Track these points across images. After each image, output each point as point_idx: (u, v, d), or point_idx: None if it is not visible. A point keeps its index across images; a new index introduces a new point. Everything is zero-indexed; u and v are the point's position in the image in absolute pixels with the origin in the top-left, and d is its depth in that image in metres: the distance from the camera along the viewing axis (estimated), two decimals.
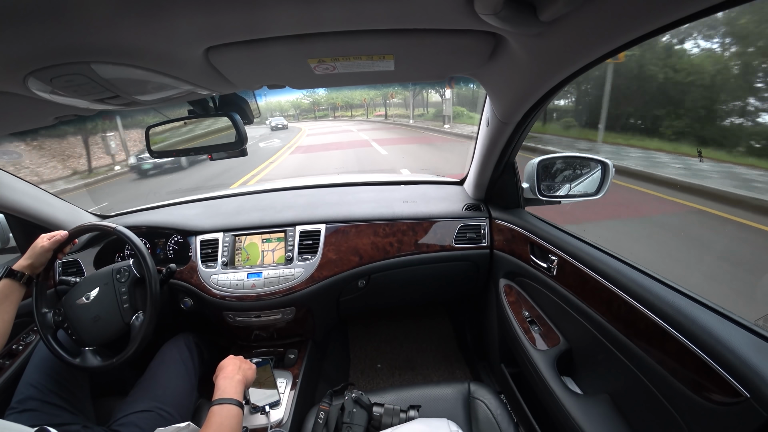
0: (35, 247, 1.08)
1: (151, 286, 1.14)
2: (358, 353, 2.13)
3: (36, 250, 1.07)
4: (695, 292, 0.77)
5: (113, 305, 1.16)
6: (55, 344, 1.09)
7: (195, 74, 0.71)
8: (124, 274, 1.19)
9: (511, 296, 1.41)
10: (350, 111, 41.34)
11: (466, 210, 1.57)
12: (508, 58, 0.75)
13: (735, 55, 7.36)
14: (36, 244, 1.08)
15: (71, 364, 1.09)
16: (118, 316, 1.15)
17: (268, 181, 5.65)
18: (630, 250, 3.05)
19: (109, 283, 1.18)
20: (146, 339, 1.13)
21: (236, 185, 8.20)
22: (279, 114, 39.55)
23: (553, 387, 1.04)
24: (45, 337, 1.10)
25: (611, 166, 1.27)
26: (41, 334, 1.10)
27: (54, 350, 1.08)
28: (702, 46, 7.83)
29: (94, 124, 11.89)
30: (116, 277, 1.19)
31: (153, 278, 1.15)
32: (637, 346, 0.82)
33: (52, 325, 1.13)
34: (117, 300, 1.16)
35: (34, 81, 0.59)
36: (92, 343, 1.13)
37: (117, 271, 1.20)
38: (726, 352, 0.63)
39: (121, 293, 1.17)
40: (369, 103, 35.11)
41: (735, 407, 0.60)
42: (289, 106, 46.71)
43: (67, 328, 1.13)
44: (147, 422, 1.04)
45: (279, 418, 1.20)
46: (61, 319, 1.13)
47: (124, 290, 1.17)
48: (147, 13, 0.48)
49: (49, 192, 1.44)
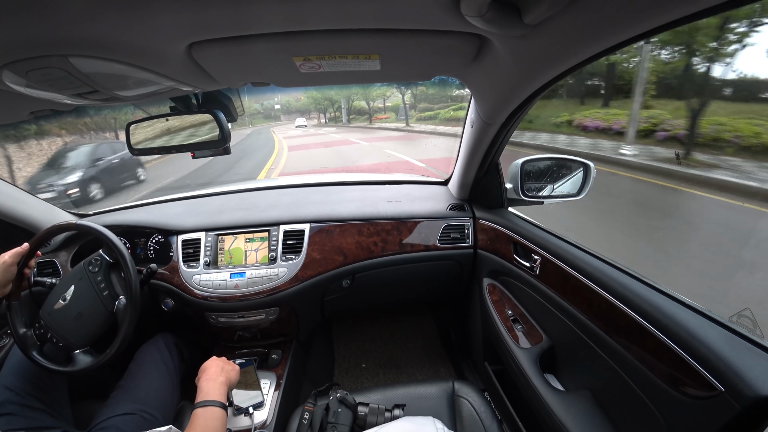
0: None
1: (131, 287, 1.11)
2: (343, 353, 2.13)
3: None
4: (673, 291, 0.79)
5: (93, 297, 1.12)
6: (43, 360, 1.05)
7: (177, 70, 0.69)
8: (96, 264, 1.16)
9: (494, 295, 1.43)
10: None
11: (450, 210, 1.58)
12: (492, 59, 0.76)
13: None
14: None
15: (66, 373, 1.05)
16: (101, 307, 1.12)
17: (251, 180, 5.59)
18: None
19: (83, 278, 1.14)
20: (133, 323, 1.09)
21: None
22: (299, 115, 41.16)
23: (536, 384, 1.05)
24: (31, 356, 1.05)
25: (593, 168, 1.30)
26: (27, 355, 1.05)
27: (44, 366, 1.04)
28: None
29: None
30: (89, 270, 1.15)
31: (133, 279, 1.12)
32: (616, 342, 0.84)
33: (35, 341, 1.08)
34: (95, 290, 1.13)
35: (9, 74, 0.57)
36: (82, 344, 1.10)
37: (88, 264, 1.16)
38: (701, 347, 0.65)
39: (97, 282, 1.14)
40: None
41: (710, 401, 0.62)
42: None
43: (51, 338, 1.08)
44: (130, 425, 1.01)
45: (263, 419, 1.19)
46: (43, 332, 1.08)
47: (100, 278, 1.14)
48: (128, 6, 0.47)
49: (24, 190, 1.39)
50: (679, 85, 8.04)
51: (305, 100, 38.49)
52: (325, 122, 35.85)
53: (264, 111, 48.56)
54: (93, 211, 1.68)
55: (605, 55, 0.64)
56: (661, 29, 0.52)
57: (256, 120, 44.90)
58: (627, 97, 8.43)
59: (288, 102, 45.29)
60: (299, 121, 33.25)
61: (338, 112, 33.40)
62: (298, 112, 44.57)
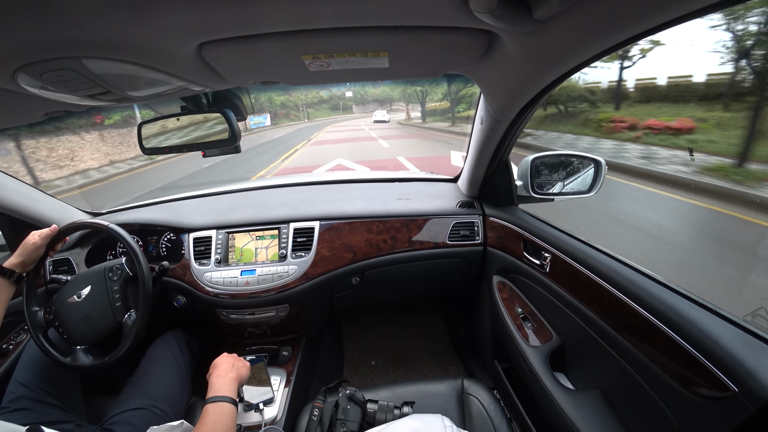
0: (26, 244, 1.06)
1: (144, 285, 1.13)
2: (352, 350, 2.14)
3: (27, 247, 1.06)
4: (685, 288, 0.78)
5: (105, 304, 1.14)
6: (45, 343, 1.08)
7: (187, 70, 0.70)
8: (117, 273, 1.18)
9: (504, 293, 1.42)
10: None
11: (459, 207, 1.58)
12: (501, 55, 0.75)
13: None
14: (27, 241, 1.07)
15: (62, 363, 1.08)
16: (110, 315, 1.14)
17: (261, 179, 5.59)
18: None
19: (101, 281, 1.17)
20: (138, 337, 1.12)
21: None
22: (378, 106, 33.58)
23: (546, 382, 1.05)
24: (36, 336, 1.08)
25: (604, 164, 1.28)
26: (32, 333, 1.09)
27: (45, 349, 1.07)
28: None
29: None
30: (108, 276, 1.17)
31: (146, 276, 1.14)
32: (627, 341, 0.83)
33: (43, 323, 1.11)
34: (109, 298, 1.15)
35: (24, 76, 0.58)
36: (83, 342, 1.12)
37: (109, 270, 1.19)
38: (714, 346, 0.64)
39: (113, 291, 1.16)
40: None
41: (723, 401, 0.61)
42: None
43: (57, 327, 1.12)
44: (140, 420, 1.03)
45: (273, 415, 1.20)
46: (52, 318, 1.12)
47: (117, 288, 1.16)
48: (139, 8, 0.48)
49: (39, 189, 1.42)
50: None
51: (385, 87, 29.59)
52: (420, 117, 25.01)
53: (331, 99, 37.90)
54: (105, 210, 1.71)
55: (616, 51, 0.63)
56: (672, 23, 0.51)
57: (320, 111, 35.00)
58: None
59: (364, 89, 36.37)
60: (379, 114, 26.63)
61: (437, 103, 24.50)
62: (376, 102, 35.54)
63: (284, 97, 33.04)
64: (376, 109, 31.87)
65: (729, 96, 7.25)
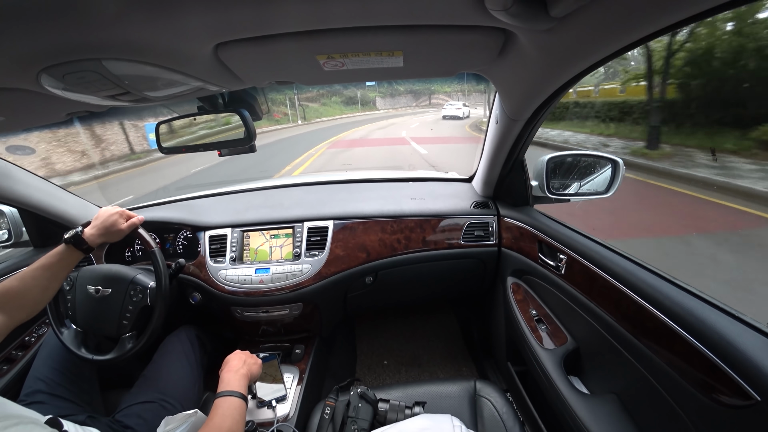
0: (109, 224, 1.07)
1: (162, 283, 1.17)
2: (365, 349, 2.14)
3: (111, 230, 1.07)
4: (706, 293, 0.75)
5: (114, 314, 1.17)
6: (53, 310, 1.14)
7: (204, 70, 0.71)
8: (138, 295, 1.19)
9: (518, 294, 1.40)
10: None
11: (474, 207, 1.57)
12: (517, 54, 0.74)
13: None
14: (110, 222, 1.08)
15: (76, 355, 1.12)
16: (114, 326, 1.16)
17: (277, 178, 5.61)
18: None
19: (121, 292, 1.18)
20: (155, 333, 1.16)
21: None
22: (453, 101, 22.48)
23: (560, 386, 1.03)
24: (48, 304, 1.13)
25: (622, 165, 1.25)
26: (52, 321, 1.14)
27: (48, 314, 1.14)
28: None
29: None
30: (129, 292, 1.19)
31: (162, 272, 1.17)
32: (645, 346, 0.81)
33: (64, 293, 1.18)
34: (119, 312, 1.17)
35: (47, 77, 0.59)
36: (81, 327, 1.17)
37: (134, 287, 1.19)
38: (737, 354, 0.62)
39: (126, 310, 1.17)
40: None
41: (745, 410, 0.59)
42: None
43: (66, 302, 1.17)
44: (150, 413, 1.06)
45: (285, 412, 1.21)
46: (67, 289, 1.17)
47: (131, 308, 1.18)
48: (157, 10, 0.49)
49: (60, 187, 1.46)
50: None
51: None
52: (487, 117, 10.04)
53: (345, 90, 27.24)
54: (125, 208, 1.74)
55: (634, 48, 0.62)
56: (691, 20, 0.50)
57: (328, 106, 24.03)
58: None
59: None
60: (450, 109, 17.47)
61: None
62: (410, 94, 24.08)
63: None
64: (408, 103, 22.66)
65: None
